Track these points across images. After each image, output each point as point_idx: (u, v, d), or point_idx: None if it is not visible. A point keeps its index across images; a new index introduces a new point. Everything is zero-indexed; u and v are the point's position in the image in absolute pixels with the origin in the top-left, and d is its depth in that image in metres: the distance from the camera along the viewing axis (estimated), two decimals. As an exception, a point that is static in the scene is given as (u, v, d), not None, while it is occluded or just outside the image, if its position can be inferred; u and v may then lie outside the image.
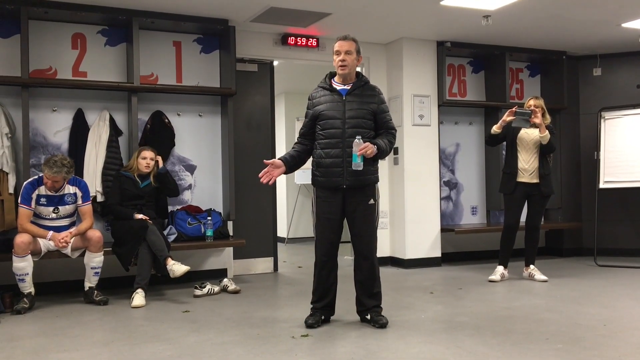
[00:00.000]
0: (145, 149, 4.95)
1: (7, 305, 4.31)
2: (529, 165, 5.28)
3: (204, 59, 5.67)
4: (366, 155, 3.54)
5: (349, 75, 3.74)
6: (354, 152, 3.53)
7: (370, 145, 3.54)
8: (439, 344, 3.35)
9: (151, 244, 4.62)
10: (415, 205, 6.29)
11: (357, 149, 3.52)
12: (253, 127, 6.05)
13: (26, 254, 4.28)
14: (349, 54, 3.69)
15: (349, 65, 3.70)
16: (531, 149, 5.28)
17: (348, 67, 3.70)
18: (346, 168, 3.63)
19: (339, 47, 3.71)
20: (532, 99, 5.36)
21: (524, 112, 5.14)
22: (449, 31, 6.09)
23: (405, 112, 6.27)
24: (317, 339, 3.49)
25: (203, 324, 3.90)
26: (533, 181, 5.29)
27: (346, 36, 3.74)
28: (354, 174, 3.63)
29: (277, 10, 5.20)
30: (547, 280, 5.28)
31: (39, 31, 5.02)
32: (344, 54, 3.68)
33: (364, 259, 3.77)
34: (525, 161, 5.30)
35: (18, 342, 3.53)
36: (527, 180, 5.30)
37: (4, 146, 4.73)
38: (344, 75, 3.74)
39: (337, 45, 3.72)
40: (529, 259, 5.47)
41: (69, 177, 4.48)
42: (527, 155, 5.29)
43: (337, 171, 3.66)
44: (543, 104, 5.33)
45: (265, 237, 6.09)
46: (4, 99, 4.88)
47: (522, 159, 5.31)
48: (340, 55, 3.69)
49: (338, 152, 3.66)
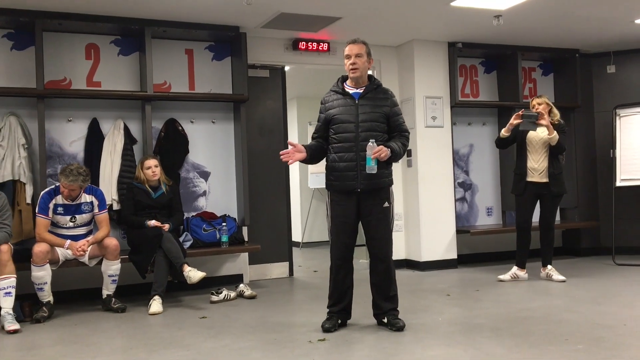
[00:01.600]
0: (147, 159, 4.97)
1: (27, 314, 4.35)
2: (539, 165, 5.25)
3: (216, 66, 5.71)
4: (380, 159, 3.55)
5: (361, 78, 3.74)
6: (368, 155, 3.53)
7: (384, 148, 3.54)
8: (456, 347, 3.33)
9: (167, 251, 4.65)
10: (430, 207, 6.26)
11: (371, 152, 3.52)
12: (266, 132, 6.07)
13: (44, 263, 4.33)
14: (360, 57, 3.69)
15: (360, 68, 3.70)
16: (540, 148, 5.25)
17: (359, 70, 3.70)
18: (360, 172, 3.63)
19: (349, 50, 3.71)
20: (535, 98, 5.34)
21: (531, 115, 5.12)
22: (460, 32, 6.07)
23: (417, 114, 6.26)
24: (334, 343, 3.48)
25: (220, 329, 3.92)
26: (543, 181, 5.26)
27: (356, 39, 3.75)
28: (367, 177, 3.63)
29: (287, 15, 5.23)
30: (565, 280, 5.24)
31: (53, 42, 5.08)
32: (355, 57, 3.69)
33: (379, 262, 3.76)
34: (535, 161, 5.27)
35: (38, 350, 3.57)
36: (537, 179, 5.27)
37: (21, 157, 4.79)
38: (355, 79, 3.74)
39: (348, 49, 3.72)
40: (546, 259, 5.42)
41: (85, 185, 4.53)
42: (537, 154, 5.27)
43: (351, 175, 3.67)
44: (547, 100, 5.31)
45: (280, 242, 6.10)
46: (20, 110, 4.95)
47: (532, 158, 5.28)
48: (350, 58, 3.70)
49: (352, 156, 3.66)
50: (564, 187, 5.37)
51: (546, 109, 5.26)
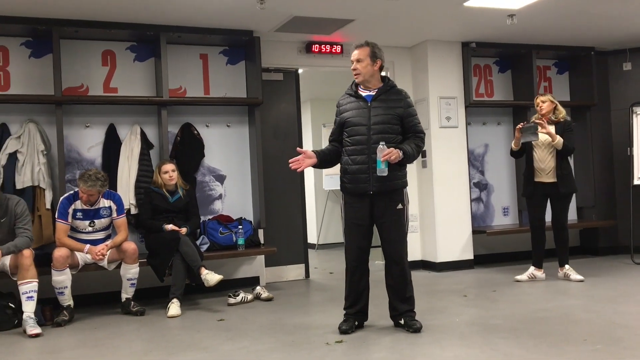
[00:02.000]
0: (164, 163, 5.02)
1: (48, 318, 4.42)
2: (545, 165, 5.24)
3: (230, 70, 5.75)
4: (390, 161, 3.55)
5: (369, 81, 3.77)
6: (378, 158, 3.54)
7: (395, 150, 3.54)
8: (474, 347, 3.33)
9: (184, 254, 4.69)
10: (445, 208, 6.25)
11: (381, 155, 3.52)
12: (280, 135, 6.10)
13: (65, 268, 4.39)
14: (360, 61, 3.73)
15: (362, 73, 3.74)
16: (546, 148, 5.24)
17: (361, 74, 3.74)
18: (372, 174, 3.64)
19: (352, 56, 3.78)
20: (539, 96, 5.35)
21: (530, 127, 5.15)
22: (473, 32, 6.05)
23: (432, 114, 6.25)
24: (351, 344, 3.50)
25: (238, 332, 3.95)
26: (550, 180, 5.24)
27: (358, 44, 3.78)
28: (379, 179, 3.63)
29: (300, 19, 5.25)
30: (583, 280, 5.20)
31: (70, 50, 5.16)
32: (356, 62, 3.75)
33: (394, 264, 3.77)
34: (541, 161, 5.26)
35: (60, 353, 3.62)
36: (545, 179, 5.26)
37: (40, 163, 4.87)
38: (363, 82, 3.77)
39: (352, 54, 3.77)
40: (562, 259, 5.38)
41: (103, 190, 4.59)
42: (543, 154, 5.25)
43: (364, 177, 3.68)
44: (552, 98, 5.31)
45: (295, 244, 6.12)
46: (39, 117, 5.03)
47: (538, 158, 5.28)
48: (353, 64, 3.76)
49: (364, 159, 3.67)
50: (573, 186, 5.33)
51: (550, 107, 5.27)
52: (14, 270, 4.27)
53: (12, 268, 4.28)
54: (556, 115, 5.28)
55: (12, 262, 4.26)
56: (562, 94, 7.09)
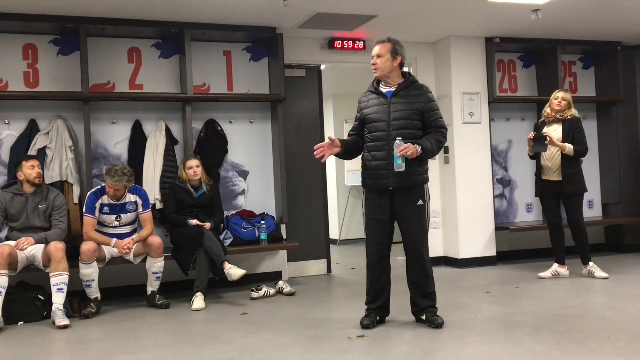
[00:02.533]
0: (189, 159, 5.08)
1: (76, 310, 4.53)
2: (552, 163, 5.23)
3: (253, 67, 5.80)
4: (407, 156, 3.55)
5: (388, 77, 3.78)
6: (395, 153, 3.55)
7: (411, 146, 3.54)
8: (496, 343, 3.33)
9: (208, 249, 4.76)
10: (468, 204, 6.23)
11: (397, 150, 3.53)
12: (302, 131, 6.13)
13: (92, 261, 4.49)
14: (380, 56, 3.76)
15: (380, 68, 3.76)
16: (553, 146, 5.21)
17: (379, 69, 3.76)
18: (392, 170, 3.65)
19: (373, 51, 3.81)
20: (560, 92, 5.31)
21: (540, 138, 5.17)
22: (497, 27, 6.01)
23: (454, 110, 6.23)
24: (373, 339, 3.52)
25: (261, 325, 4.00)
26: (558, 179, 5.23)
27: (380, 39, 3.81)
28: (399, 175, 3.64)
29: (323, 15, 5.27)
30: (607, 277, 5.14)
31: (97, 47, 5.25)
32: (375, 57, 3.77)
33: (414, 260, 3.78)
34: (549, 159, 5.25)
35: (88, 344, 3.71)
36: (553, 178, 5.26)
37: (68, 158, 4.97)
38: (382, 78, 3.78)
39: (373, 49, 3.80)
40: (584, 257, 5.31)
41: (129, 185, 4.68)
42: (549, 152, 5.23)
43: (383, 173, 3.69)
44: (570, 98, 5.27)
45: (317, 239, 6.16)
46: (67, 114, 5.13)
47: (545, 157, 5.28)
48: (373, 59, 3.78)
49: (383, 154, 3.69)
50: (581, 185, 5.24)
51: (566, 107, 5.25)
52: (46, 262, 4.39)
53: (44, 260, 4.40)
54: (563, 114, 5.24)
55: (44, 255, 4.38)
56: (587, 90, 7.00)
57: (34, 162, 4.52)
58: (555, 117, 5.28)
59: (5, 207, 4.46)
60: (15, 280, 4.56)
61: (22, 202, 4.49)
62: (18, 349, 3.65)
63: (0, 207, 4.45)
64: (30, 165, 4.48)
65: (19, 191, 4.52)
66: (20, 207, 4.48)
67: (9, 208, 4.47)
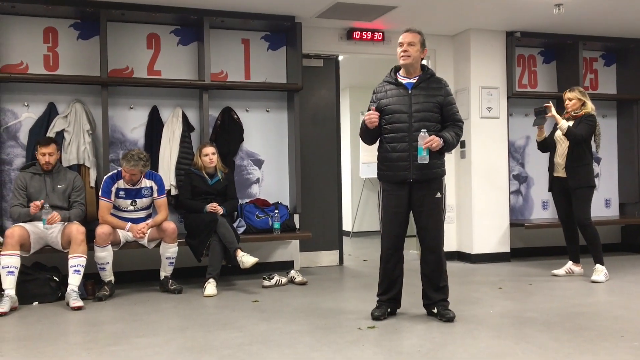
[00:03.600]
0: (205, 146, 5.09)
1: (90, 293, 4.58)
2: (562, 159, 5.20)
3: (271, 56, 5.79)
4: (432, 149, 3.54)
5: (412, 67, 3.74)
6: (419, 145, 3.53)
7: (436, 138, 3.54)
8: (507, 339, 3.31)
9: (221, 236, 4.78)
10: (483, 199, 6.19)
11: (423, 142, 3.51)
12: (319, 121, 6.12)
13: (107, 245, 4.53)
14: (412, 45, 3.70)
15: (412, 56, 3.70)
16: (564, 142, 5.18)
17: (410, 57, 3.70)
18: (413, 162, 3.64)
19: (402, 38, 3.74)
20: (567, 92, 5.26)
21: (540, 111, 5.19)
22: (518, 21, 5.94)
23: (472, 104, 6.18)
24: (384, 330, 3.52)
25: (272, 313, 4.02)
26: (564, 175, 5.19)
27: (410, 28, 3.76)
28: (420, 167, 3.63)
29: (343, 5, 5.24)
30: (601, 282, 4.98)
31: (116, 32, 5.27)
32: (407, 45, 3.70)
33: (430, 252, 3.76)
34: (560, 155, 5.23)
35: (101, 326, 3.75)
36: (561, 174, 5.23)
37: (85, 142, 5.01)
38: (407, 67, 3.74)
39: (401, 37, 3.75)
40: (594, 258, 5.16)
41: (145, 170, 4.71)
42: (561, 149, 5.22)
43: (404, 165, 3.67)
44: (580, 95, 5.17)
45: (330, 230, 6.16)
46: (85, 98, 5.17)
47: (557, 153, 5.26)
48: (403, 46, 3.72)
49: (404, 146, 3.67)
50: (584, 179, 5.10)
51: (577, 105, 5.17)
52: (65, 244, 4.45)
53: (63, 242, 4.46)
54: (577, 112, 5.16)
55: (65, 236, 4.44)
56: (608, 87, 6.91)
57: (46, 149, 4.52)
58: (570, 114, 5.22)
59: (26, 186, 4.52)
60: (31, 261, 4.62)
61: (41, 182, 4.55)
62: (32, 329, 3.70)
63: (22, 186, 4.51)
64: (42, 153, 4.51)
65: (37, 171, 4.58)
66: (40, 187, 4.54)
67: (29, 187, 4.53)
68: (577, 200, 5.15)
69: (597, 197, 6.78)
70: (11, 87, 5.01)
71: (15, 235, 4.27)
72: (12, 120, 5.05)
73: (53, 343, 3.37)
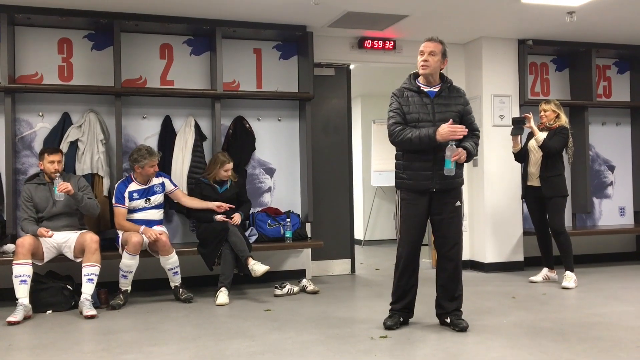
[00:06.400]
0: (228, 162, 5.06)
1: (103, 301, 4.60)
2: (535, 169, 5.31)
3: (283, 65, 5.81)
4: (459, 162, 3.54)
5: (432, 76, 3.72)
6: (447, 157, 3.51)
7: (462, 150, 3.54)
8: (521, 349, 3.28)
9: (233, 245, 4.79)
10: (496, 208, 6.15)
11: (451, 154, 3.50)
12: (330, 130, 6.13)
13: (137, 253, 4.58)
14: (433, 54, 3.68)
15: (431, 66, 3.68)
16: (538, 152, 5.29)
17: (430, 67, 3.68)
18: (436, 172, 3.62)
19: (423, 47, 3.71)
20: (543, 104, 5.39)
21: (519, 120, 5.29)
22: (530, 29, 5.92)
23: (485, 112, 6.16)
24: (396, 340, 3.50)
25: (284, 322, 4.01)
26: (538, 184, 5.29)
27: (432, 37, 3.74)
28: (444, 177, 3.61)
29: (354, 14, 5.26)
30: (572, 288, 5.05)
31: (129, 43, 5.32)
32: (428, 54, 3.68)
33: (448, 260, 3.74)
34: (533, 165, 5.35)
35: (114, 335, 3.77)
36: (535, 183, 5.33)
37: (99, 151, 5.06)
38: (426, 76, 3.72)
39: (422, 45, 3.72)
40: (565, 265, 5.23)
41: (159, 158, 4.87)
42: (535, 158, 5.33)
43: (427, 174, 3.65)
44: (554, 108, 5.32)
45: (342, 239, 6.15)
46: (99, 108, 5.22)
47: (530, 162, 5.38)
48: (424, 55, 3.69)
49: (428, 156, 3.65)
50: (559, 189, 5.23)
51: (552, 116, 5.30)
52: (78, 253, 4.49)
53: (76, 251, 4.50)
54: (551, 123, 5.29)
55: (78, 245, 4.48)
56: (622, 94, 6.86)
57: (54, 157, 4.55)
58: (546, 125, 5.33)
59: (32, 197, 4.55)
60: (45, 269, 4.66)
61: (45, 191, 4.57)
62: (46, 337, 3.73)
63: (28, 198, 4.54)
64: (50, 161, 4.54)
65: (41, 181, 4.61)
66: (45, 197, 4.56)
67: (35, 198, 4.55)
68: (551, 209, 5.26)
69: (611, 205, 6.76)
70: (26, 97, 5.08)
71: (26, 244, 4.31)
72: (27, 130, 5.11)
73: (66, 352, 3.39)
